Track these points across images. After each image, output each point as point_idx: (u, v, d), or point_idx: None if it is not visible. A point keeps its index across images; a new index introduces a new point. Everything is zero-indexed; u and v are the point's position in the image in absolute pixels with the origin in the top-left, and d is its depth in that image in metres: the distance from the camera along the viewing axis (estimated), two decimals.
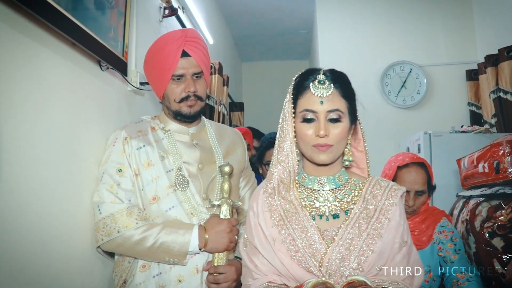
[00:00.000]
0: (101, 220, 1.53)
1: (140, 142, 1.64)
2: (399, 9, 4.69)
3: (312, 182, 1.31)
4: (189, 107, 1.67)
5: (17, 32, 1.23)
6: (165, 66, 1.62)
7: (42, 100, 1.35)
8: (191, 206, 1.61)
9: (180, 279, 1.56)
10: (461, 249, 1.94)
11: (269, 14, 5.22)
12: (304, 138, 1.24)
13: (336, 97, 1.22)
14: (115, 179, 1.58)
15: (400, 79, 4.56)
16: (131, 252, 1.55)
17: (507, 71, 3.58)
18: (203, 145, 1.74)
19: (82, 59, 1.60)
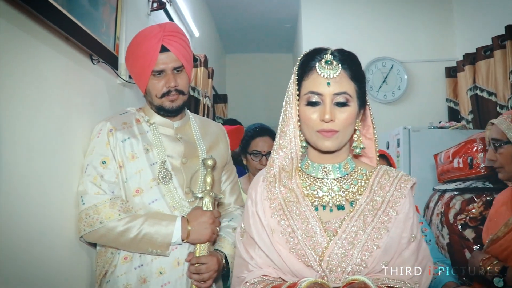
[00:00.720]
0: (84, 211, 1.53)
1: (125, 134, 1.64)
2: (382, 6, 4.77)
3: (316, 170, 1.22)
4: (171, 102, 1.67)
5: (15, 27, 1.27)
6: (144, 62, 1.62)
7: (37, 92, 1.39)
8: (173, 199, 1.62)
9: (162, 271, 1.58)
10: (431, 239, 1.96)
11: (254, 7, 5.25)
12: (308, 123, 1.15)
13: (344, 79, 1.13)
14: (99, 171, 1.58)
15: (381, 74, 4.65)
16: (114, 243, 1.56)
17: (483, 70, 3.70)
18: (187, 139, 1.75)
19: (74, 53, 1.64)
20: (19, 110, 1.29)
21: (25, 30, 1.32)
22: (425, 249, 1.20)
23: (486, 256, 1.67)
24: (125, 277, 1.57)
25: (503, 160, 1.75)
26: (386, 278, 1.12)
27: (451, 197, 2.26)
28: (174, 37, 1.64)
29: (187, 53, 1.69)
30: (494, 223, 1.77)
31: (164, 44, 1.61)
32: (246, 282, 1.19)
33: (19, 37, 1.29)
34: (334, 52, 1.16)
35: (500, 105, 3.40)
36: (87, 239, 1.57)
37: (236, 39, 6.45)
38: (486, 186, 2.12)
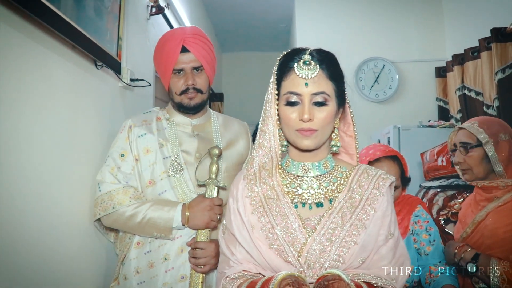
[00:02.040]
0: (100, 197, 1.68)
1: (143, 130, 1.77)
2: (374, 7, 4.83)
3: (296, 168, 1.24)
4: (189, 99, 1.77)
5: (26, 37, 1.38)
6: (167, 61, 1.73)
7: (46, 96, 1.50)
8: (183, 191, 1.71)
9: (166, 258, 1.67)
10: (436, 239, 1.93)
11: (250, 7, 5.32)
12: (288, 122, 1.16)
13: (322, 79, 1.14)
14: (117, 162, 1.72)
15: (373, 74, 4.72)
16: (125, 227, 1.70)
17: (471, 70, 3.77)
18: (204, 136, 1.84)
19: (80, 60, 1.75)
20: (31, 113, 1.41)
21: (36, 40, 1.43)
22: (402, 247, 1.21)
23: (460, 244, 1.80)
24: (137, 261, 1.70)
25: (471, 162, 1.85)
26: (363, 274, 1.13)
27: (434, 193, 2.39)
28: (195, 39, 1.75)
29: (207, 54, 1.78)
30: (463, 223, 1.91)
31: (185, 45, 1.72)
32: (227, 277, 1.20)
33: (30, 47, 1.40)
34: (312, 52, 1.17)
35: (487, 105, 3.49)
36: (104, 223, 1.72)
37: (232, 38, 6.52)
38: (467, 183, 2.24)
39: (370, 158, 1.93)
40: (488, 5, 3.73)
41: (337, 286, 1.02)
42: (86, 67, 1.81)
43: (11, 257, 1.29)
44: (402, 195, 2.00)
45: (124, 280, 1.70)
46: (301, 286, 1.05)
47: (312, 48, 1.19)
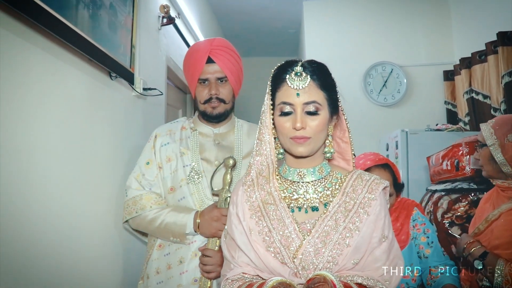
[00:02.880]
0: (126, 202, 1.82)
1: (166, 140, 1.87)
2: (381, 13, 4.88)
3: (292, 174, 1.28)
4: (212, 108, 1.84)
5: (47, 53, 1.47)
6: (193, 71, 1.81)
7: (66, 108, 1.60)
8: (200, 198, 1.78)
9: (182, 261, 1.75)
10: (434, 241, 1.94)
11: (259, 13, 5.38)
12: (282, 131, 1.22)
13: (313, 89, 1.19)
14: (142, 170, 1.84)
15: (381, 78, 4.75)
16: (147, 230, 1.82)
17: (478, 74, 3.80)
18: (226, 144, 1.90)
19: (96, 72, 1.84)
20: (52, 123, 1.50)
21: (57, 56, 1.53)
22: (396, 249, 1.25)
23: (471, 239, 1.84)
24: (157, 262, 1.80)
25: (482, 160, 1.90)
26: (356, 276, 1.16)
27: (439, 197, 2.43)
28: (221, 51, 1.81)
29: (232, 66, 1.84)
30: (479, 218, 1.94)
31: (210, 56, 1.79)
32: (227, 278, 1.25)
33: (51, 62, 1.50)
34: (304, 64, 1.21)
35: (494, 108, 3.53)
36: (131, 224, 1.86)
37: (241, 43, 6.58)
38: (471, 187, 2.30)
39: (361, 168, 1.91)
40: (495, 9, 3.76)
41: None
42: (101, 78, 1.90)
43: (42, 256, 1.40)
44: (397, 201, 2.01)
45: (147, 279, 1.80)
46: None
47: (304, 60, 1.24)
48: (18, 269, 1.29)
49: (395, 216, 1.95)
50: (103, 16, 1.75)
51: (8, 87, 1.26)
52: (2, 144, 1.23)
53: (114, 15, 1.85)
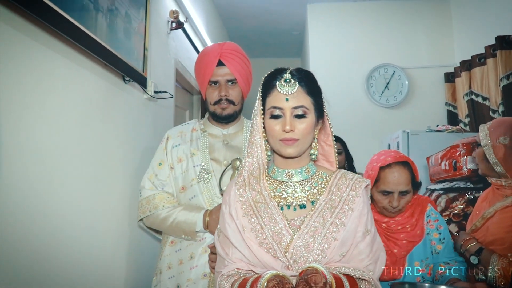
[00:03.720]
0: (140, 201, 1.90)
1: (177, 141, 1.95)
2: (384, 16, 4.96)
3: (281, 175, 1.36)
4: (221, 109, 1.91)
5: (68, 60, 1.58)
6: (204, 73, 1.88)
7: (83, 110, 1.70)
8: (209, 197, 1.86)
9: (192, 256, 1.82)
10: (446, 237, 1.96)
11: (264, 16, 5.46)
12: (272, 133, 1.29)
13: (301, 94, 1.28)
14: (155, 170, 1.93)
15: (384, 80, 4.84)
16: (161, 228, 1.90)
17: (478, 76, 3.89)
18: (235, 144, 1.96)
19: (111, 76, 1.94)
20: (71, 125, 1.60)
21: (76, 62, 1.63)
22: (379, 242, 1.34)
23: (468, 237, 1.93)
24: (169, 258, 1.88)
25: (477, 159, 2.00)
26: (343, 267, 1.24)
27: (437, 195, 2.53)
28: (231, 54, 1.89)
29: (242, 69, 1.91)
30: (476, 215, 2.04)
31: (221, 59, 1.86)
32: (222, 274, 1.31)
33: (72, 68, 1.60)
34: (292, 71, 1.30)
35: (493, 110, 3.61)
36: (145, 223, 1.94)
37: (246, 45, 6.66)
38: (468, 186, 2.39)
39: (381, 164, 1.94)
40: (495, 13, 3.86)
41: (314, 279, 1.12)
42: (115, 82, 2.00)
43: (58, 253, 1.49)
44: (413, 198, 2.01)
45: (160, 274, 1.88)
46: (285, 284, 1.15)
47: (292, 68, 1.32)
48: (33, 266, 1.34)
49: (411, 212, 1.98)
50: (119, 23, 1.86)
51: (34, 91, 1.36)
52: (26, 143, 1.33)
53: (128, 22, 1.95)
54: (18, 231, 1.27)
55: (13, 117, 1.26)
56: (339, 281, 1.18)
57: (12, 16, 1.25)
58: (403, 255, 1.90)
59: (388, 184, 1.89)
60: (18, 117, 1.28)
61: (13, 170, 1.25)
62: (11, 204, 1.23)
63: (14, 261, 1.21)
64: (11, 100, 1.25)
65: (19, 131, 1.28)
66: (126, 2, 1.92)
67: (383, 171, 1.91)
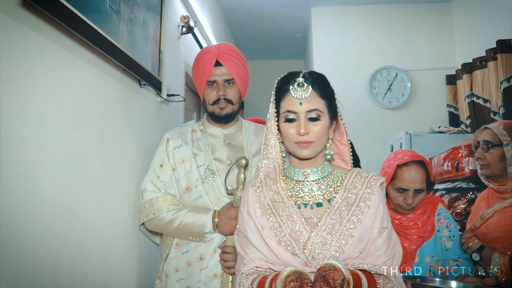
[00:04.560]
0: (142, 204, 1.87)
1: (178, 142, 1.94)
2: (387, 19, 5.04)
3: (297, 174, 1.39)
4: (220, 109, 1.91)
5: (92, 67, 1.66)
6: (202, 74, 1.89)
7: (106, 114, 1.79)
8: (215, 196, 1.85)
9: (201, 257, 1.81)
10: (455, 235, 2.03)
11: (268, 19, 5.53)
12: (287, 136, 1.32)
13: (314, 98, 1.30)
14: (157, 172, 1.91)
15: (386, 82, 4.92)
16: (165, 231, 1.87)
17: (479, 79, 3.97)
18: (235, 144, 1.97)
19: (128, 80, 2.02)
20: (95, 128, 1.68)
21: (99, 68, 1.72)
22: (395, 238, 1.36)
23: (470, 235, 2.02)
24: (176, 260, 1.86)
25: (491, 159, 2.04)
26: (360, 263, 1.26)
27: (440, 195, 2.63)
28: (228, 54, 1.90)
29: (239, 69, 1.92)
30: (474, 215, 2.14)
31: (218, 60, 1.87)
32: (242, 273, 1.34)
33: (95, 74, 1.69)
34: (305, 75, 1.32)
35: (493, 112, 3.70)
36: (147, 226, 1.91)
37: (251, 47, 6.68)
38: (469, 186, 2.49)
39: (398, 162, 2.00)
40: (496, 17, 3.94)
41: (332, 275, 1.14)
42: (132, 86, 2.09)
43: (62, 256, 1.44)
44: (426, 197, 2.08)
45: (166, 277, 1.86)
46: (304, 280, 1.17)
47: (305, 71, 1.34)
48: (36, 267, 1.30)
49: (423, 209, 2.04)
50: (137, 31, 1.95)
51: (63, 95, 1.45)
52: (53, 143, 1.42)
53: (146, 29, 2.05)
54: (25, 232, 1.25)
55: (45, 119, 1.35)
56: (357, 277, 1.20)
57: (45, 26, 1.33)
58: (413, 250, 1.99)
59: (404, 182, 1.95)
60: (50, 119, 1.37)
61: (36, 169, 1.31)
62: (33, 204, 1.27)
63: (14, 262, 1.18)
64: (41, 103, 1.33)
65: (46, 132, 1.35)
66: (143, 10, 2.02)
67: (400, 169, 1.98)
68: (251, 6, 5.16)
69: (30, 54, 1.27)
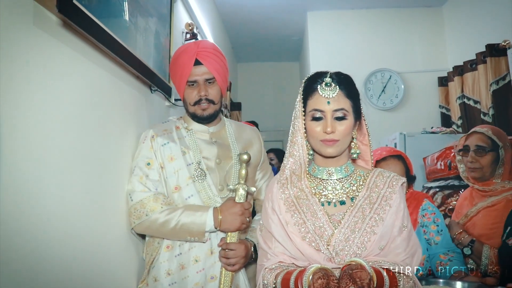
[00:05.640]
0: (133, 206, 1.73)
1: (165, 139, 1.83)
2: (381, 23, 5.19)
3: (321, 173, 1.40)
4: (202, 110, 1.83)
5: (111, 75, 1.77)
6: (181, 73, 1.80)
7: (122, 117, 1.89)
8: (207, 195, 1.79)
9: (197, 259, 1.74)
10: (443, 229, 2.06)
11: (265, 22, 5.63)
12: (313, 134, 1.33)
13: (341, 98, 1.31)
14: (144, 171, 1.78)
15: (381, 84, 5.06)
16: (158, 233, 1.75)
17: (470, 81, 4.13)
18: (222, 142, 1.90)
19: (140, 86, 2.13)
20: (111, 130, 1.77)
21: (117, 76, 1.84)
22: (415, 237, 1.37)
23: (460, 230, 2.14)
24: (167, 264, 1.76)
25: (484, 163, 2.15)
26: (382, 261, 1.27)
27: (434, 192, 2.77)
28: (208, 52, 1.81)
29: (219, 67, 1.84)
30: (458, 213, 2.29)
31: (198, 58, 1.78)
32: (266, 268, 1.35)
33: (114, 82, 1.81)
34: (332, 75, 1.34)
35: (483, 113, 3.86)
36: (137, 230, 1.78)
37: (248, 50, 6.77)
38: (461, 183, 2.62)
39: (377, 158, 2.05)
40: (485, 22, 4.10)
41: (359, 275, 1.14)
42: (144, 91, 2.20)
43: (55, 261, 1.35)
44: (409, 192, 2.12)
45: (154, 281, 1.75)
46: (330, 277, 1.18)
47: (331, 71, 1.37)
48: (33, 268, 1.23)
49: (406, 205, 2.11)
50: (151, 41, 2.08)
51: (87, 103, 1.57)
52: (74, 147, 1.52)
53: (158, 38, 2.18)
54: (21, 234, 1.18)
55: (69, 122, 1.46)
56: (380, 276, 1.22)
57: (78, 41, 1.46)
58: None
59: None
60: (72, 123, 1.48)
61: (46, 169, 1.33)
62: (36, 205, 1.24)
63: (8, 264, 1.12)
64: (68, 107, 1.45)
65: (68, 135, 1.43)
66: (156, 20, 2.15)
67: (378, 164, 2.02)
68: (249, 11, 5.26)
69: (63, 65, 1.39)
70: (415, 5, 5.12)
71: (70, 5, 1.23)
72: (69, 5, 1.23)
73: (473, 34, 4.36)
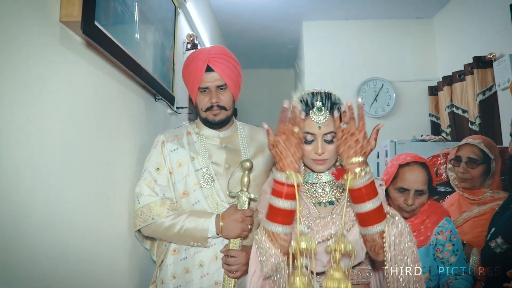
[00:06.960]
0: (139, 209, 1.77)
1: (175, 145, 1.86)
2: (374, 33, 5.30)
3: (311, 178, 1.51)
4: (214, 116, 1.84)
5: (121, 85, 1.90)
6: (194, 80, 1.80)
7: (130, 124, 2.02)
8: (214, 201, 1.80)
9: (202, 264, 1.76)
10: (459, 248, 1.97)
11: (261, 31, 5.74)
12: (305, 154, 1.43)
13: (330, 122, 1.40)
14: (153, 176, 1.81)
15: (373, 92, 5.17)
16: (164, 237, 1.79)
17: (458, 91, 4.27)
18: (232, 147, 1.91)
19: (146, 95, 2.27)
20: (117, 133, 1.89)
21: (127, 86, 1.98)
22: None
23: None
24: (173, 267, 1.80)
25: (475, 174, 2.27)
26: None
27: None
28: (220, 58, 1.81)
29: (231, 73, 1.83)
30: None
31: (209, 65, 1.78)
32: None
33: (123, 92, 1.94)
34: (323, 98, 1.42)
35: (471, 122, 4.00)
36: (144, 232, 1.81)
37: (245, 57, 6.79)
38: (447, 190, 2.77)
39: (401, 162, 2.02)
40: (474, 34, 4.25)
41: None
42: (149, 100, 2.33)
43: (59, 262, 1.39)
44: (428, 203, 2.05)
45: (161, 284, 1.79)
46: None
47: (322, 92, 1.44)
48: (34, 269, 1.26)
49: (422, 219, 2.02)
50: (157, 53, 2.22)
51: (96, 109, 1.70)
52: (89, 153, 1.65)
53: (163, 51, 2.32)
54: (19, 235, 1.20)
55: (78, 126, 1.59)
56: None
57: (91, 53, 1.60)
58: None
59: (405, 182, 1.96)
60: (81, 126, 1.61)
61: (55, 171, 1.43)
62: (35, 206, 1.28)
63: (7, 266, 1.14)
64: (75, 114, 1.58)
65: (78, 140, 1.53)
66: (162, 34, 2.29)
67: (401, 169, 1.99)
68: (247, 20, 5.37)
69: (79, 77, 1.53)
70: (407, 17, 5.25)
71: (93, 26, 1.37)
72: (92, 27, 1.37)
73: (462, 46, 4.50)
